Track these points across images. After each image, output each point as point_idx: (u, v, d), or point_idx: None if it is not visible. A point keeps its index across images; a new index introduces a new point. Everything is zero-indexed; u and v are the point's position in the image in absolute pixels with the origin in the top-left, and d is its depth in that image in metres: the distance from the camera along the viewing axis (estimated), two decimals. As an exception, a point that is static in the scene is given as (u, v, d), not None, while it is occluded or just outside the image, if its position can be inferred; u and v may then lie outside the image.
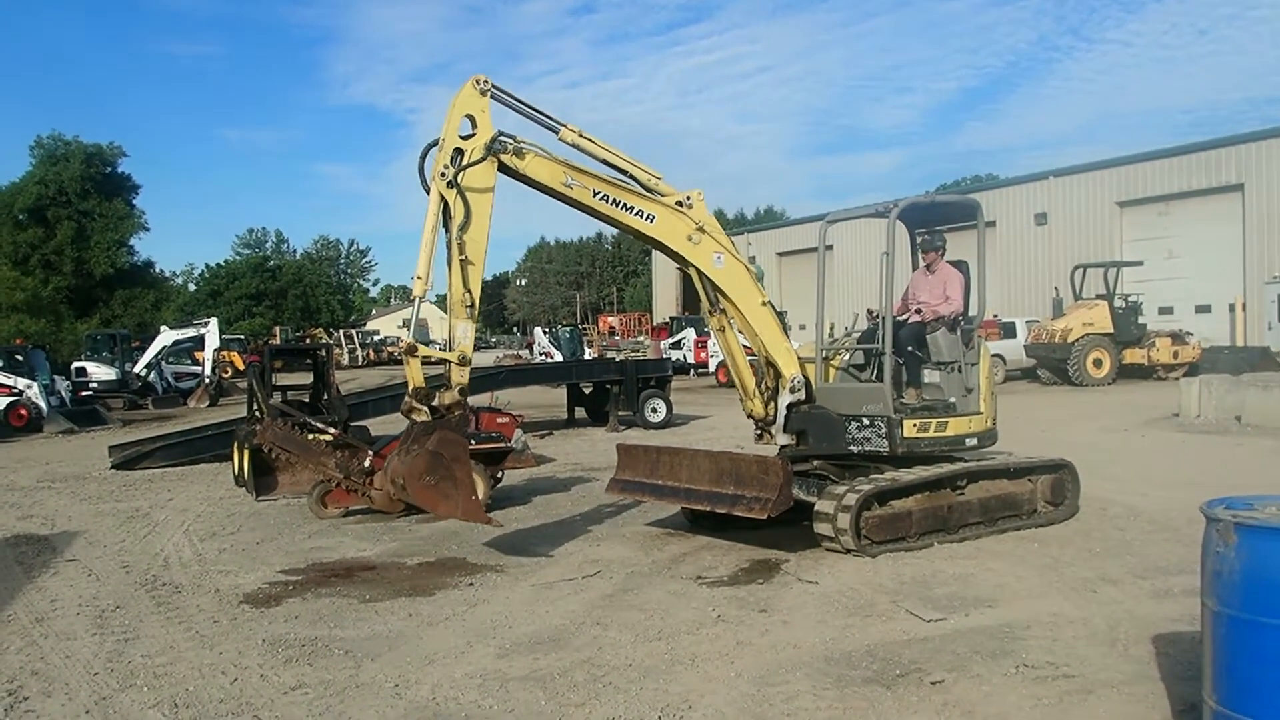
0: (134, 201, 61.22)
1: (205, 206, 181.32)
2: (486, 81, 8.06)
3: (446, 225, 7.83)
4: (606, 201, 8.45)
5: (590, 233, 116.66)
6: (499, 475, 11.24)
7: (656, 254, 70.11)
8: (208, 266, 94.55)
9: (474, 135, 7.94)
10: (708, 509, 8.72)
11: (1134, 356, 27.52)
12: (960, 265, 9.66)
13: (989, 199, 35.25)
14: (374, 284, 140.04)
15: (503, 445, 11.17)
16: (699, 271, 8.94)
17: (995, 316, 30.34)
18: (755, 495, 8.08)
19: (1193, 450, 14.44)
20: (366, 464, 10.71)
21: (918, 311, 9.50)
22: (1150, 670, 5.46)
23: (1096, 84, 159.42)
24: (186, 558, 9.16)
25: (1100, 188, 36.72)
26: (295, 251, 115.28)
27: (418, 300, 7.99)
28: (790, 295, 38.92)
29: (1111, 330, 27.27)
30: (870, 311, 9.86)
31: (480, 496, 10.60)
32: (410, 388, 7.71)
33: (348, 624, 6.82)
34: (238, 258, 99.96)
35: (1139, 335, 27.83)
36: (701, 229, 8.74)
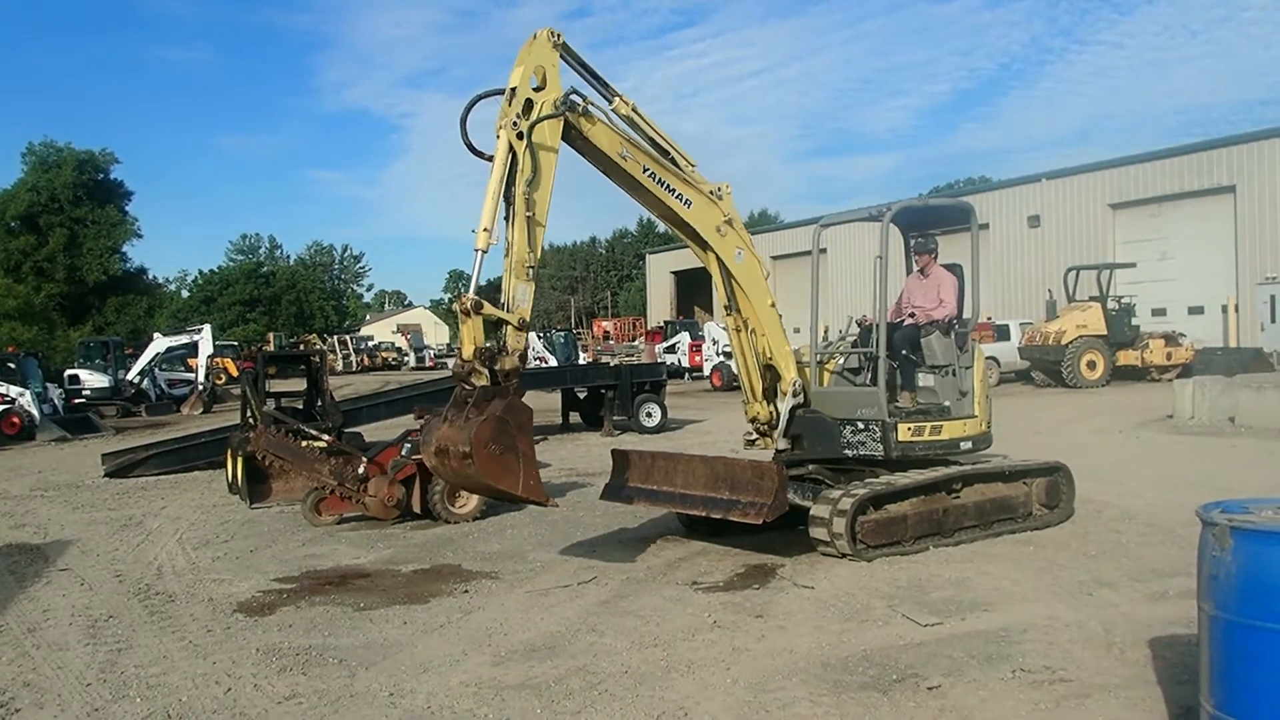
0: (127, 208, 61.20)
1: (198, 213, 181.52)
2: (559, 36, 7.76)
3: (510, 180, 7.44)
4: (653, 179, 8.33)
5: (584, 237, 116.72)
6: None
7: (651, 258, 70.35)
8: (201, 273, 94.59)
9: (542, 89, 7.63)
10: (703, 514, 8.69)
11: (1127, 358, 27.55)
12: (954, 268, 9.66)
13: (982, 201, 35.33)
14: (368, 290, 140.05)
15: (497, 451, 11.12)
16: (721, 265, 8.88)
17: (989, 319, 30.37)
18: (750, 500, 8.06)
19: (1187, 452, 14.45)
20: (360, 471, 10.69)
21: (911, 315, 9.50)
22: (1147, 674, 5.45)
23: (1089, 86, 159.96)
24: (180, 566, 9.12)
25: (1093, 190, 36.77)
26: (289, 257, 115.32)
27: (480, 253, 7.28)
28: (784, 299, 38.52)
29: (1105, 332, 27.30)
30: (860, 322, 9.83)
31: (475, 505, 10.63)
32: (471, 349, 7.17)
33: (342, 632, 6.80)
34: (231, 264, 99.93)
35: (1132, 337, 27.86)
36: (729, 221, 8.75)
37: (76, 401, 29.58)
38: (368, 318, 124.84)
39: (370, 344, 70.68)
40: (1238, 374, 21.60)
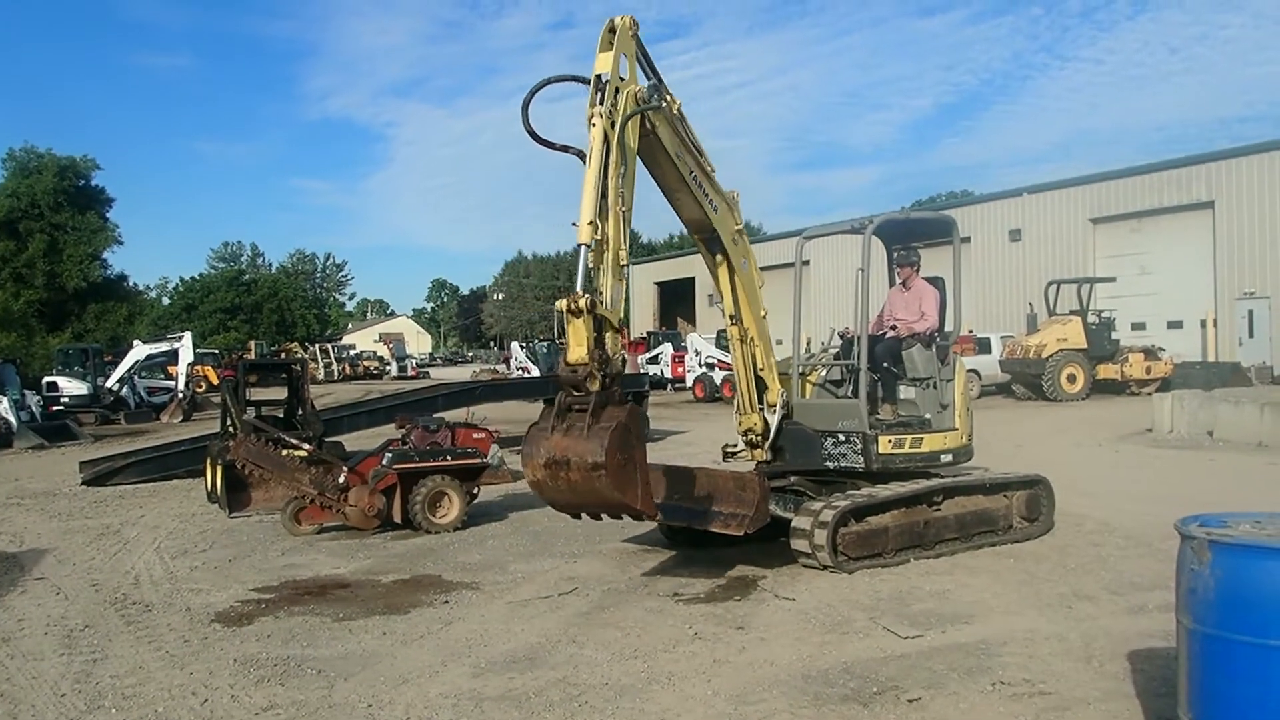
0: (107, 215, 60.86)
1: (180, 220, 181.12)
2: (637, 24, 7.51)
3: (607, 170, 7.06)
4: (694, 183, 8.24)
5: (568, 247, 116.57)
6: (475, 491, 11.17)
7: (634, 269, 70.30)
8: (182, 280, 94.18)
9: (623, 80, 7.36)
10: (685, 525, 8.69)
11: (1107, 372, 27.72)
12: (936, 281, 9.70)
13: (964, 215, 35.46)
14: (350, 298, 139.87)
15: (479, 461, 11.11)
16: (730, 273, 8.86)
17: (970, 332, 30.50)
18: (732, 511, 8.06)
19: (1166, 465, 14.54)
20: (341, 480, 10.64)
21: (893, 328, 9.53)
22: (1125, 687, 5.47)
23: (1070, 101, 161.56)
24: (157, 575, 9.05)
25: (1073, 204, 37.01)
26: (271, 265, 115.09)
27: (586, 248, 6.83)
28: (768, 310, 38.78)
29: (1085, 346, 27.46)
30: (842, 333, 9.85)
31: (456, 515, 10.60)
32: (583, 351, 6.67)
33: (321, 643, 6.75)
34: (212, 271, 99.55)
35: (1112, 351, 28.04)
36: (740, 231, 8.80)
37: (54, 409, 29.31)
38: (350, 326, 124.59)
39: (352, 353, 70.36)
40: (1216, 388, 21.77)
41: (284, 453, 11.25)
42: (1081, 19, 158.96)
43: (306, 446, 12.00)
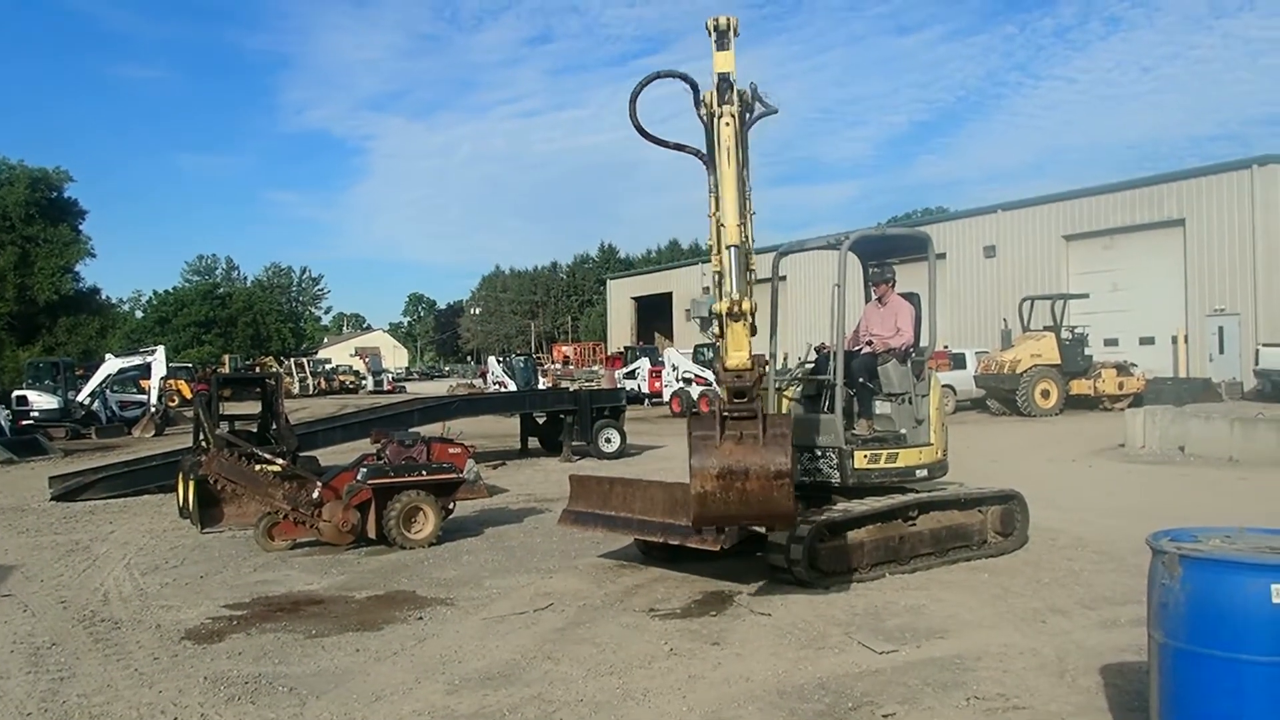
0: (80, 227, 60.40)
1: (154, 233, 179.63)
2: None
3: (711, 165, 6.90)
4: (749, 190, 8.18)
5: (545, 261, 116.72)
6: (451, 506, 11.11)
7: (612, 284, 70.40)
8: (156, 293, 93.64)
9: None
10: (661, 540, 8.67)
11: (1080, 387, 27.94)
12: (911, 297, 9.75)
13: (939, 231, 35.80)
14: (326, 312, 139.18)
15: (455, 476, 11.05)
16: None
17: (945, 348, 30.69)
18: (692, 526, 8.03)
19: (1138, 480, 14.65)
20: (315, 495, 10.56)
21: (869, 343, 9.56)
22: (1098, 701, 5.49)
23: (1044, 119, 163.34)
24: (127, 592, 8.94)
25: (1047, 221, 37.38)
26: (246, 279, 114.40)
27: (734, 249, 6.61)
28: (744, 325, 38.88)
29: (1059, 361, 27.69)
30: (818, 349, 9.86)
31: (431, 531, 10.54)
32: (746, 356, 6.44)
33: (293, 660, 6.68)
34: (187, 285, 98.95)
35: (1085, 366, 28.28)
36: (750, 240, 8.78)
37: (24, 423, 28.95)
38: (326, 340, 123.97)
39: (328, 367, 70.03)
40: (1187, 404, 21.99)
41: (257, 468, 11.16)
42: (1055, 38, 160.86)
43: (280, 461, 11.91)
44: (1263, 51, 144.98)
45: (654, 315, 63.52)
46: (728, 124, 6.97)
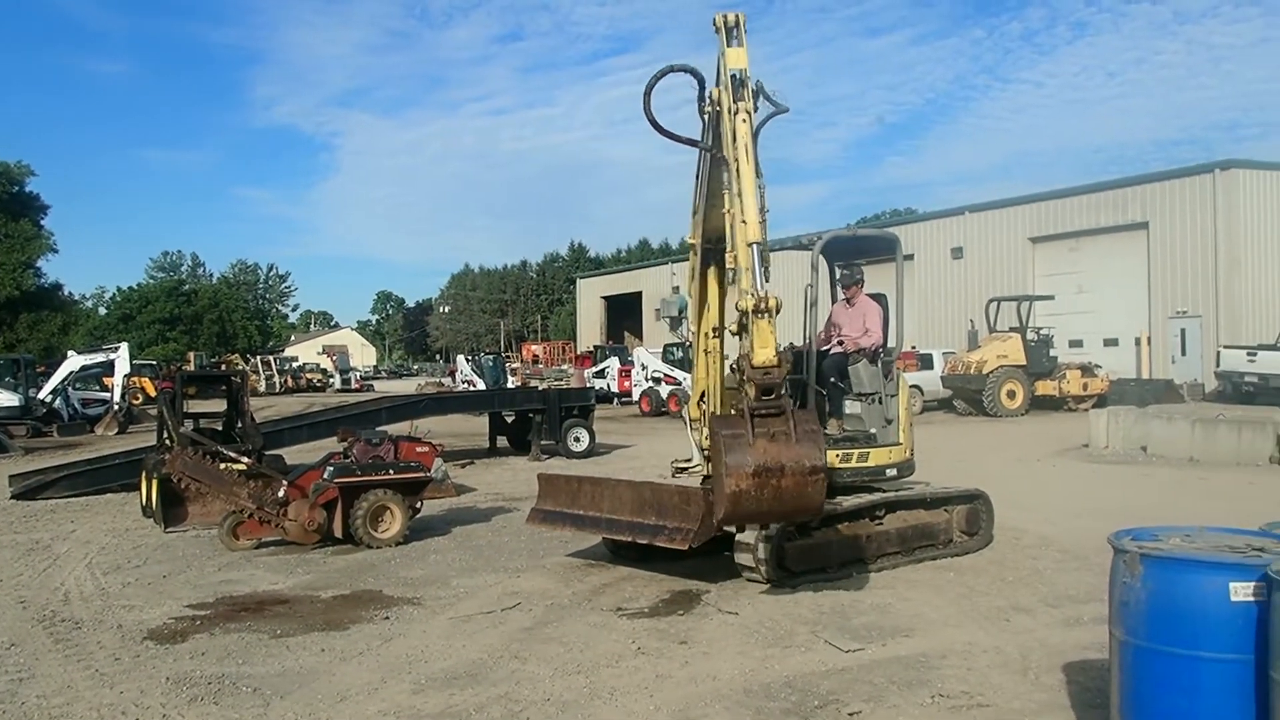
0: (42, 222, 59.75)
1: (118, 228, 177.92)
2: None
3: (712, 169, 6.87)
4: (709, 181, 8.06)
5: (515, 260, 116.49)
6: (418, 505, 11.06)
7: (581, 283, 70.37)
8: (119, 290, 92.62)
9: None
10: (629, 539, 8.67)
11: (1045, 388, 28.24)
12: (879, 298, 9.81)
13: (907, 233, 35.99)
14: (293, 310, 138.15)
15: (422, 475, 11.00)
16: (720, 283, 8.78)
17: (913, 348, 30.91)
18: (677, 526, 8.05)
19: (1101, 480, 14.82)
20: (281, 494, 10.48)
21: (839, 343, 9.61)
22: (1060, 698, 5.55)
23: (1011, 122, 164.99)
24: (88, 592, 8.84)
25: (1014, 223, 37.72)
26: (212, 276, 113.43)
27: (756, 247, 6.62)
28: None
29: (1024, 362, 27.97)
30: (788, 348, 9.90)
31: (398, 530, 10.48)
32: (772, 352, 6.40)
33: (257, 660, 6.63)
34: (151, 281, 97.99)
35: (1050, 367, 28.58)
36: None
37: (-16, 421, 28.55)
38: (293, 338, 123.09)
39: (295, 365, 69.55)
40: (1150, 405, 22.26)
41: (222, 466, 11.06)
42: (1022, 42, 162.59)
43: (245, 460, 11.81)
44: (1225, 57, 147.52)
45: (623, 314, 63.57)
46: (744, 120, 6.94)
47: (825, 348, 9.57)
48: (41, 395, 30.86)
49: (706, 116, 7.72)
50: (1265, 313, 30.38)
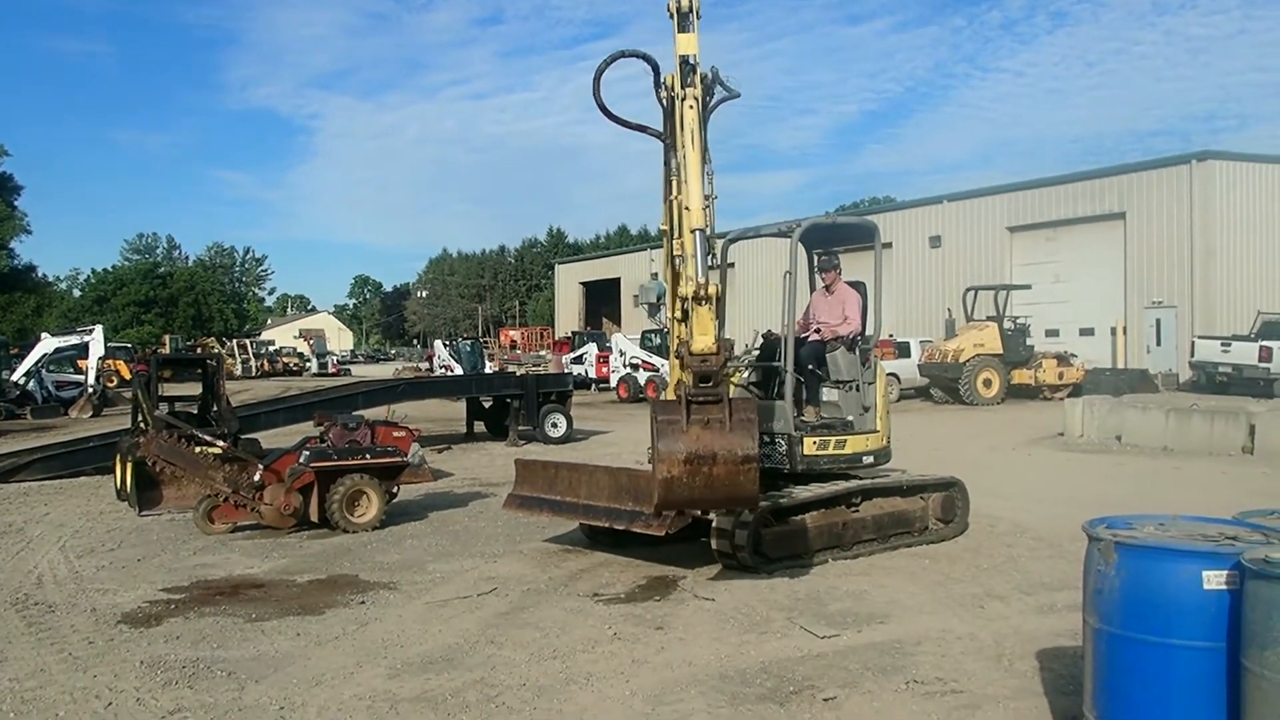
0: (15, 203, 59.01)
1: (93, 210, 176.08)
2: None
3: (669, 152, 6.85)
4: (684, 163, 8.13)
5: (493, 245, 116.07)
6: (394, 490, 11.02)
7: (560, 268, 70.24)
8: (94, 272, 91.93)
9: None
10: (606, 525, 8.67)
11: (1022, 377, 28.39)
12: (858, 286, 9.82)
13: (886, 221, 36.04)
14: (270, 293, 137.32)
15: (399, 460, 10.96)
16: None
17: (890, 336, 31.02)
18: (653, 511, 8.05)
19: (1076, 468, 14.92)
20: (256, 478, 10.42)
21: (817, 331, 9.62)
22: (1034, 684, 5.59)
23: (990, 111, 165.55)
24: (62, 575, 8.77)
25: (992, 213, 37.88)
26: (188, 258, 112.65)
27: (700, 234, 6.57)
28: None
29: (1001, 351, 28.10)
30: (765, 335, 9.91)
31: (375, 514, 10.45)
32: (712, 340, 6.39)
33: (232, 644, 6.60)
34: (127, 263, 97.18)
35: (1027, 356, 28.73)
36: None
37: (-44, 403, 28.26)
38: (269, 322, 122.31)
39: (271, 349, 69.08)
40: (1125, 394, 22.44)
41: (197, 450, 10.98)
42: (1002, 31, 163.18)
43: (221, 444, 11.73)
44: (1203, 49, 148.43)
45: (602, 300, 63.48)
46: (691, 107, 6.92)
47: (804, 335, 9.58)
48: (15, 377, 30.58)
49: (665, 103, 7.68)
50: (1239, 304, 30.63)
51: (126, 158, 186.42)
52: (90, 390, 30.32)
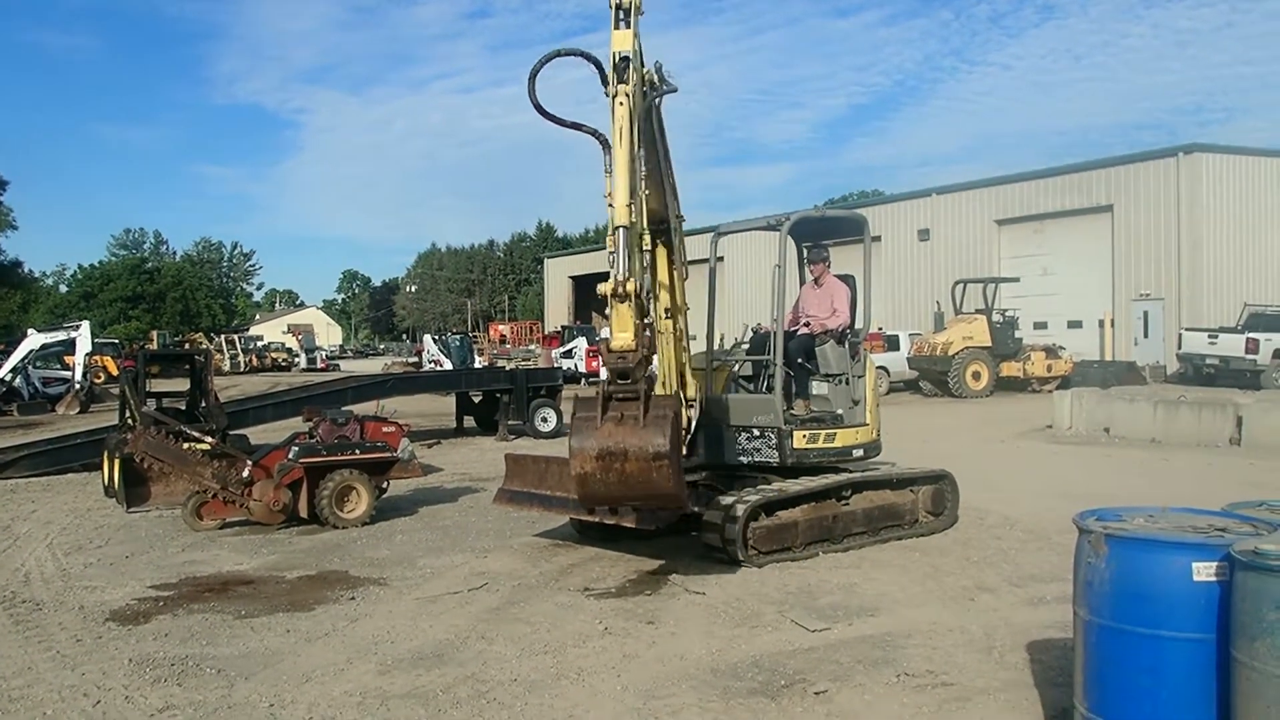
0: (1, 198, 58.61)
1: (79, 205, 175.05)
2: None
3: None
4: (667, 168, 8.06)
5: (482, 239, 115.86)
6: (384, 485, 11.00)
7: (549, 263, 70.13)
8: (81, 267, 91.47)
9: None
10: (596, 520, 8.66)
11: (1010, 369, 28.46)
12: (847, 279, 9.83)
13: (875, 214, 36.08)
14: (258, 288, 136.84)
15: (388, 455, 10.94)
16: (670, 263, 8.79)
17: (879, 329, 31.06)
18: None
19: (1065, 460, 14.97)
20: (245, 474, 10.38)
21: (806, 324, 9.62)
22: (1024, 677, 5.60)
23: (978, 105, 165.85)
24: (49, 573, 8.72)
25: (980, 206, 37.92)
26: (175, 253, 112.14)
27: (622, 230, 6.55)
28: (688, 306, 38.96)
29: (989, 344, 28.16)
30: (755, 329, 9.92)
31: (364, 510, 10.42)
32: (630, 337, 6.38)
33: (221, 641, 6.57)
34: (113, 259, 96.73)
35: (1015, 349, 28.80)
36: (681, 219, 8.76)
37: (-58, 400, 28.11)
38: (257, 317, 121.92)
39: (259, 344, 68.84)
40: (1112, 386, 22.51)
41: (185, 446, 10.94)
42: (990, 24, 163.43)
43: (209, 440, 11.68)
44: (1190, 42, 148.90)
45: (591, 294, 63.03)
46: (621, 104, 6.88)
47: (793, 329, 9.58)
48: (1, 374, 30.40)
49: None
50: (1226, 296, 30.75)
51: (113, 153, 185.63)
52: (77, 386, 30.18)
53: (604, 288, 6.49)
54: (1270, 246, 32.18)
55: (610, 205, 6.72)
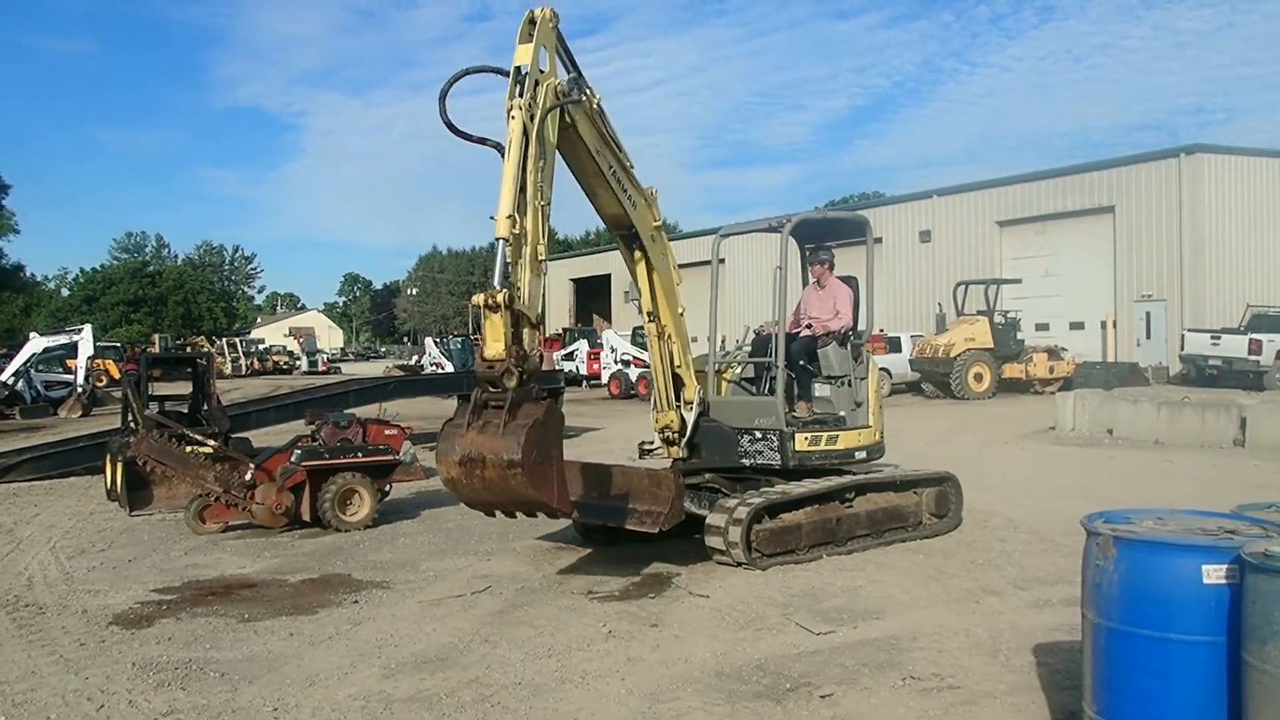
0: (3, 202, 58.76)
1: (81, 209, 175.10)
2: (557, 17, 7.40)
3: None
4: (613, 178, 8.08)
5: (483, 242, 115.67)
6: (387, 488, 10.98)
7: (551, 266, 70.12)
8: (83, 271, 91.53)
9: (543, 73, 7.23)
10: (599, 522, 8.65)
11: (1013, 371, 28.42)
12: (850, 281, 9.81)
13: (876, 216, 35.97)
14: (259, 291, 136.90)
15: (391, 458, 10.92)
16: (649, 269, 8.79)
17: (881, 331, 31.02)
18: (647, 509, 8.04)
19: (1068, 462, 14.94)
20: (248, 477, 10.37)
21: (808, 326, 9.60)
22: (1030, 680, 5.58)
23: (978, 106, 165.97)
24: (52, 576, 8.71)
25: (981, 207, 37.88)
26: (177, 257, 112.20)
27: (503, 242, 6.63)
28: (684, 308, 38.81)
29: (992, 345, 28.12)
30: (758, 331, 9.90)
31: (367, 513, 10.41)
32: (500, 347, 6.50)
33: (224, 645, 6.55)
34: (115, 262, 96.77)
35: (1017, 351, 28.75)
36: (659, 227, 8.75)
37: (-55, 403, 28.10)
38: (259, 320, 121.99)
39: (261, 347, 68.91)
40: (1115, 388, 22.49)
41: (188, 449, 10.93)
42: (990, 25, 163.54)
43: (212, 443, 11.68)
44: (1190, 42, 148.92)
45: (592, 297, 63.35)
46: (514, 118, 6.96)
47: (795, 330, 9.56)
48: (3, 377, 30.38)
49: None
50: (1229, 297, 30.70)
51: (114, 156, 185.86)
52: (79, 390, 30.19)
53: (477, 299, 6.64)
54: (1273, 247, 32.12)
55: (491, 217, 6.77)
